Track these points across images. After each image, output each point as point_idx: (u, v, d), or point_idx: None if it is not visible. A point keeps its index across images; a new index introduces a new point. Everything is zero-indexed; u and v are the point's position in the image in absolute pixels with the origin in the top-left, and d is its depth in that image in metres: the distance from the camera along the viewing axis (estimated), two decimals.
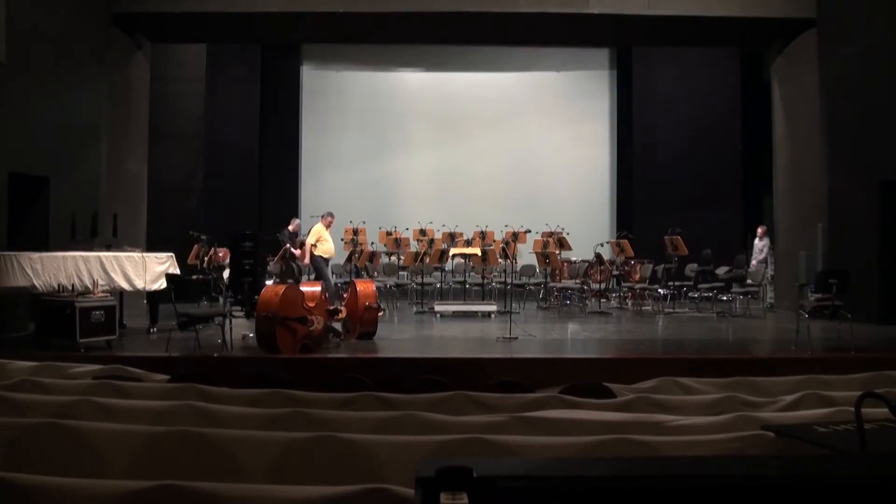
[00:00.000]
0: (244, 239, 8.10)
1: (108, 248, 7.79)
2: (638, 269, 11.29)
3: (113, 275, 7.46)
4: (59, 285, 6.89)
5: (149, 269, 7.85)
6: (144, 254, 8.08)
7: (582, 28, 11.01)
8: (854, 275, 7.41)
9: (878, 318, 8.81)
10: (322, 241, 9.96)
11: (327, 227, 10.04)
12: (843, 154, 9.85)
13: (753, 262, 11.49)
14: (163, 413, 3.09)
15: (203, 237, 10.44)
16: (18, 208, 8.26)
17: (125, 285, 7.64)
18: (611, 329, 9.20)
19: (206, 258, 10.27)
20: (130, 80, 10.97)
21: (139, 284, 7.78)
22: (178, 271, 8.31)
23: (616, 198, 14.59)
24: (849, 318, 6.93)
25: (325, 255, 10.04)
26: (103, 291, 7.13)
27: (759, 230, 11.83)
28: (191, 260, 10.49)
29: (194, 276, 10.03)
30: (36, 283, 6.80)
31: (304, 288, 7.34)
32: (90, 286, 7.08)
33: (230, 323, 7.28)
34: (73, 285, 6.95)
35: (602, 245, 11.21)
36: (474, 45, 13.76)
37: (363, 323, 7.73)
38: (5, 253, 6.81)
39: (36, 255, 6.90)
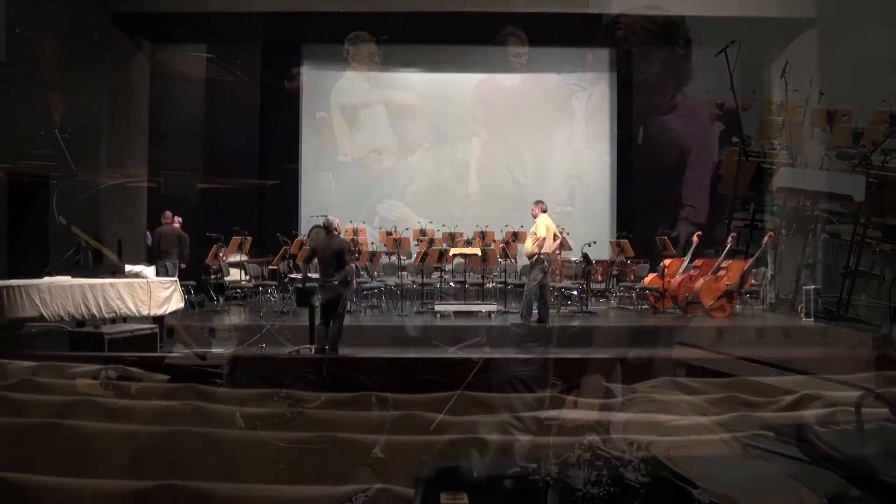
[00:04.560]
0: None
1: (114, 274, 7.85)
2: (634, 268, 11.27)
3: (119, 302, 7.50)
4: (68, 314, 6.89)
5: (154, 296, 7.90)
6: (150, 280, 8.13)
7: (582, 28, 11.01)
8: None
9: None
10: None
11: None
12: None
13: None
14: (163, 413, 3.09)
15: (221, 237, 10.41)
16: (18, 208, 8.26)
17: (131, 312, 7.68)
18: (610, 328, 9.20)
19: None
20: (130, 80, 10.97)
21: (145, 310, 7.81)
22: (182, 300, 8.30)
23: (616, 198, 14.56)
24: (849, 318, 6.94)
25: None
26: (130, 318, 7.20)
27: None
28: (209, 260, 10.43)
29: (213, 277, 10.00)
30: (44, 314, 6.75)
31: None
32: (97, 314, 7.12)
33: None
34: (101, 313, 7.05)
35: (589, 245, 10.98)
36: (474, 45, 13.74)
37: None
38: (13, 283, 6.73)
39: (44, 286, 6.87)
